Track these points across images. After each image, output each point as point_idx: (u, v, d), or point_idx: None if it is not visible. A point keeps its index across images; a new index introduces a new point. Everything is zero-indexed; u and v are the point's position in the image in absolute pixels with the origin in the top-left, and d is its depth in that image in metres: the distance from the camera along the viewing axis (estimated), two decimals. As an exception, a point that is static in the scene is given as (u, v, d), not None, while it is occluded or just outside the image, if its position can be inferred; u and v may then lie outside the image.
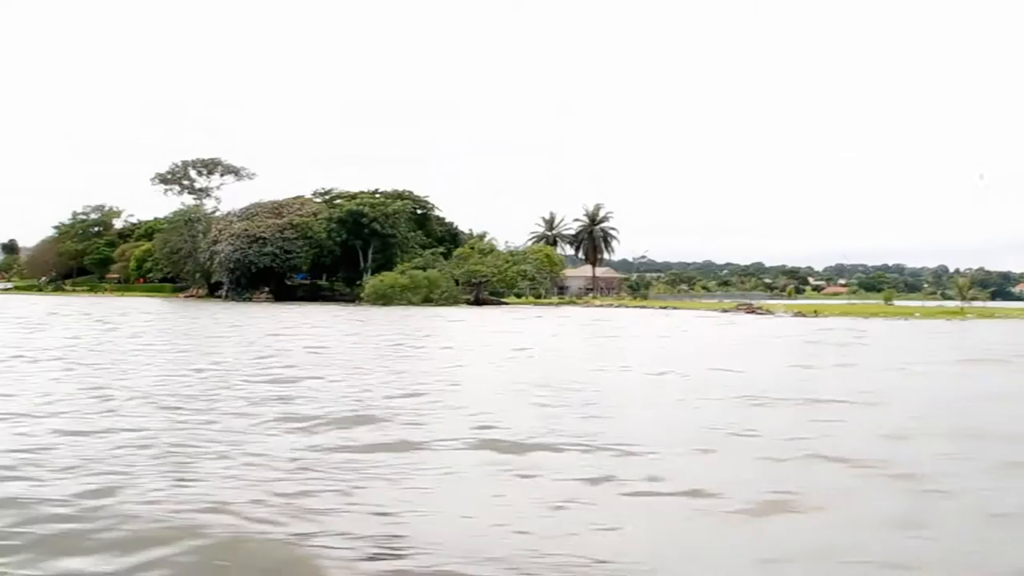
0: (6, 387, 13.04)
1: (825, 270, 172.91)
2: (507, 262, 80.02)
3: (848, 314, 47.67)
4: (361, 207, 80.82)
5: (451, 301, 69.72)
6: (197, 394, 12.66)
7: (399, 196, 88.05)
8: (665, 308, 63.91)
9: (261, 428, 9.76)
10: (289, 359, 18.73)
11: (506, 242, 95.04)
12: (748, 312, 52.08)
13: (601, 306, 69.98)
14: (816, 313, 48.25)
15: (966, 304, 52.36)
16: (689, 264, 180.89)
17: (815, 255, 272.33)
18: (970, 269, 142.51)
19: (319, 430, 9.71)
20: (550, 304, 76.83)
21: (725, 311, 54.19)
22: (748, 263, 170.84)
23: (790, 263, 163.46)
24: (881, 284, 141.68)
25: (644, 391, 14.58)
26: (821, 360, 20.95)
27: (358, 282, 79.18)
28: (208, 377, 15.14)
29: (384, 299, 68.27)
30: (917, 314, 46.04)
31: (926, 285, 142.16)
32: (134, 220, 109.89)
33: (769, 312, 51.42)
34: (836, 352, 23.27)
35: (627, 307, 67.18)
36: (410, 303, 66.88)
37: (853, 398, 13.03)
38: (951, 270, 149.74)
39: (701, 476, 7.59)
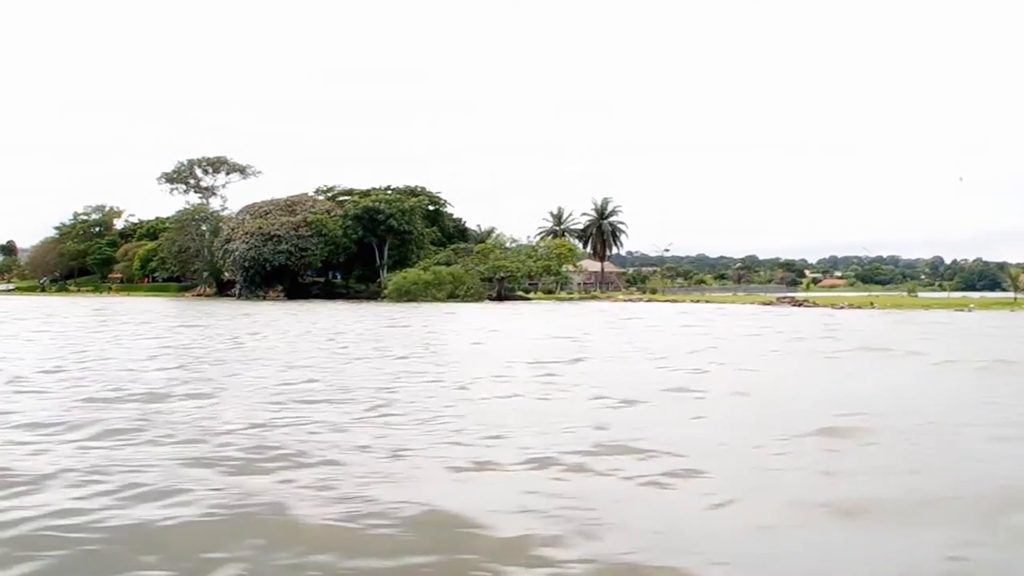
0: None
1: (819, 262, 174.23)
2: (529, 256, 79.34)
3: (901, 307, 47.35)
4: (377, 203, 79.42)
5: (476, 297, 68.92)
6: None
7: (412, 192, 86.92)
8: (699, 302, 63.37)
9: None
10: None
11: (528, 236, 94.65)
12: (795, 305, 51.67)
13: (628, 301, 69.33)
14: (872, 305, 48.01)
15: (1020, 295, 52.56)
16: (682, 258, 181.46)
17: (807, 248, 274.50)
18: (967, 260, 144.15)
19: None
20: (571, 299, 76.23)
21: (769, 304, 53.83)
22: (742, 256, 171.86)
23: (783, 256, 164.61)
24: (878, 276, 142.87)
25: None
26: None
27: (378, 279, 77.96)
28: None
29: (408, 295, 67.20)
30: (973, 305, 45.97)
31: (923, 276, 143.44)
32: (135, 220, 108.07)
33: (815, 304, 51.09)
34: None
35: (657, 301, 66.53)
36: (435, 299, 65.88)
37: None
38: (947, 261, 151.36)
39: None
